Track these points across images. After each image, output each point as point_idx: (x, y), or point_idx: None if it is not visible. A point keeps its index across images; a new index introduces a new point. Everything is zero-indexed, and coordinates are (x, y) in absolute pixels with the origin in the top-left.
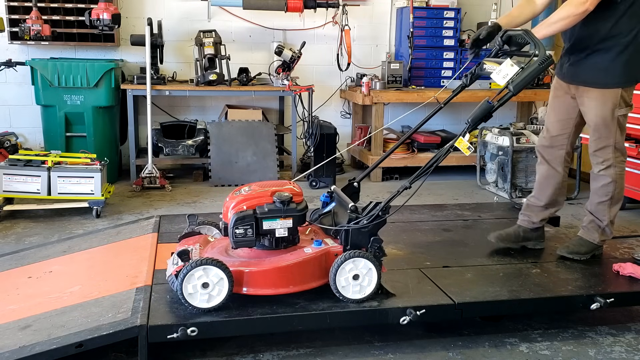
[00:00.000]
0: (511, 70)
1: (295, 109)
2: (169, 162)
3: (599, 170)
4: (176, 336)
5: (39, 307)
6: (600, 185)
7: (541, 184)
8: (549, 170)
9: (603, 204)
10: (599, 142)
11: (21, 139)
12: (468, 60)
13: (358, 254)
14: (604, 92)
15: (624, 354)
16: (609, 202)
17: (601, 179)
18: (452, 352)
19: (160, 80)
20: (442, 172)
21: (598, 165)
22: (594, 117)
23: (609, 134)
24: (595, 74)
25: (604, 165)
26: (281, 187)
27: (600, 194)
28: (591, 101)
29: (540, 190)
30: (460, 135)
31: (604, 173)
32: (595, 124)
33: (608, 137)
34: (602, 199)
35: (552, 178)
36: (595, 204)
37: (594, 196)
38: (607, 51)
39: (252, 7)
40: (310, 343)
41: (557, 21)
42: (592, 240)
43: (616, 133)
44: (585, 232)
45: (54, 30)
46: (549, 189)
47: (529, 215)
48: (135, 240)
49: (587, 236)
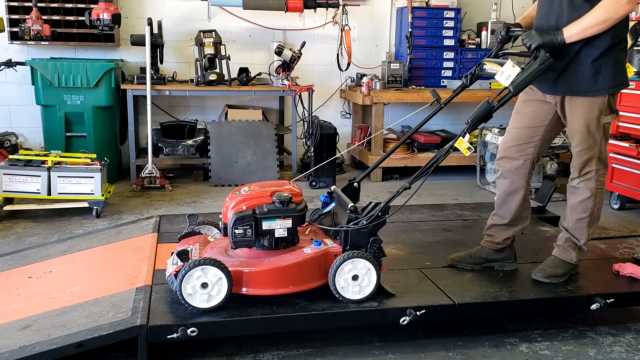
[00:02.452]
0: (513, 72)
1: (295, 109)
2: (169, 162)
3: (579, 182)
4: (176, 336)
5: (39, 307)
6: (579, 200)
7: (504, 200)
8: (512, 185)
9: (581, 222)
10: (584, 153)
11: (21, 139)
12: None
13: (357, 255)
14: (592, 100)
15: (624, 354)
16: (587, 220)
17: (580, 193)
18: (452, 352)
19: (160, 80)
20: (442, 172)
21: (578, 178)
22: (579, 126)
23: (594, 143)
24: (580, 82)
25: (584, 178)
26: (281, 187)
27: (578, 210)
28: (577, 109)
29: (503, 206)
30: (460, 136)
31: (584, 186)
32: (580, 133)
33: (593, 147)
34: (581, 216)
35: (515, 193)
36: (574, 222)
37: (572, 212)
38: (589, 57)
39: (252, 7)
40: (310, 343)
41: (593, 25)
42: (569, 260)
43: (601, 142)
44: (562, 251)
45: (54, 30)
46: (512, 204)
47: (491, 236)
48: (135, 240)
49: (564, 256)
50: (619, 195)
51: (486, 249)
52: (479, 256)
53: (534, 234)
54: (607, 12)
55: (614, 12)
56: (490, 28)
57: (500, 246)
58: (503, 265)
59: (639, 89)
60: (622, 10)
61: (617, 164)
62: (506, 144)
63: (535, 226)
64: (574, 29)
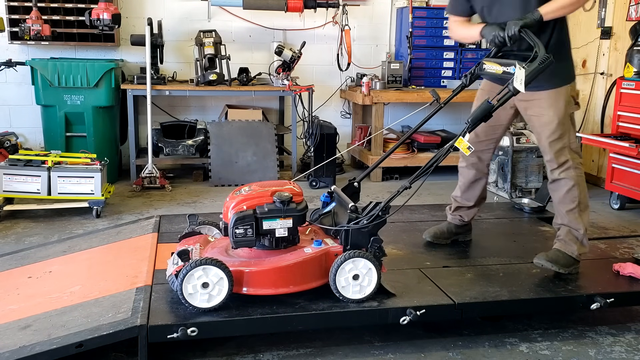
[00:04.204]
0: (522, 73)
1: (295, 109)
2: (169, 162)
3: (559, 173)
4: (176, 336)
5: (39, 307)
6: (564, 192)
7: (469, 187)
8: (477, 174)
9: (573, 212)
10: (555, 144)
11: (21, 139)
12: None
13: (358, 254)
14: (557, 92)
15: (624, 354)
16: (578, 209)
17: (563, 184)
18: (452, 352)
19: (160, 80)
20: (442, 172)
21: (557, 169)
22: (549, 119)
23: (564, 134)
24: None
25: (563, 168)
26: (281, 187)
27: (566, 202)
28: (544, 102)
29: (468, 192)
30: (460, 136)
31: (565, 176)
32: (550, 126)
33: (563, 136)
34: (571, 207)
35: (479, 181)
36: (565, 213)
37: (561, 206)
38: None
39: (252, 7)
40: (310, 343)
41: (566, 6)
42: (571, 254)
43: (570, 132)
44: (563, 244)
45: (54, 30)
46: (477, 190)
47: (460, 216)
48: (135, 240)
49: (565, 248)
50: (619, 195)
51: (453, 225)
52: (450, 231)
53: (534, 234)
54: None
55: None
56: None
57: (466, 222)
58: (465, 237)
59: (639, 89)
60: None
61: (617, 164)
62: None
63: (535, 226)
64: (550, 6)
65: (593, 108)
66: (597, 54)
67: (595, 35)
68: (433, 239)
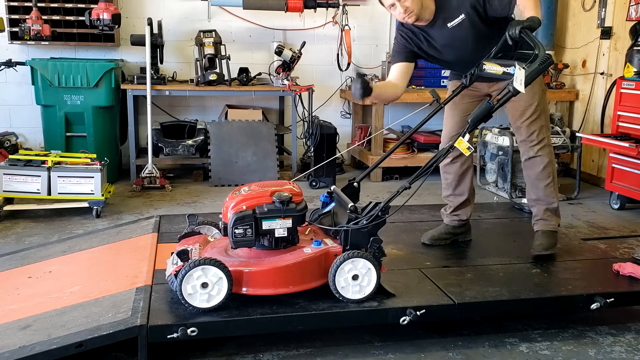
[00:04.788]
0: (522, 74)
1: (295, 109)
2: (169, 162)
3: (538, 150)
4: (176, 336)
5: (39, 307)
6: (540, 168)
7: (458, 181)
8: (462, 166)
9: (549, 187)
10: (534, 123)
11: (21, 139)
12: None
13: (357, 254)
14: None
15: (624, 354)
16: (552, 184)
17: (539, 162)
18: (452, 352)
19: (160, 80)
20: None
21: (534, 147)
22: (527, 100)
23: (540, 112)
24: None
25: (540, 145)
26: (281, 187)
27: (543, 178)
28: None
29: (459, 186)
30: (460, 136)
31: (542, 153)
32: (527, 105)
33: (540, 116)
34: (547, 182)
35: (467, 172)
36: (543, 189)
37: (538, 182)
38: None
39: (252, 7)
40: (310, 343)
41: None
42: (554, 229)
43: (545, 112)
44: (544, 223)
45: (54, 30)
46: (467, 182)
47: (458, 215)
48: (135, 240)
49: (548, 226)
50: (619, 195)
51: (451, 226)
52: (448, 232)
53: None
54: None
55: None
56: None
57: (464, 222)
58: (465, 237)
59: (639, 89)
60: None
61: (617, 164)
62: (450, 133)
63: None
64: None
65: (593, 108)
66: (597, 54)
67: (595, 35)
68: (431, 241)
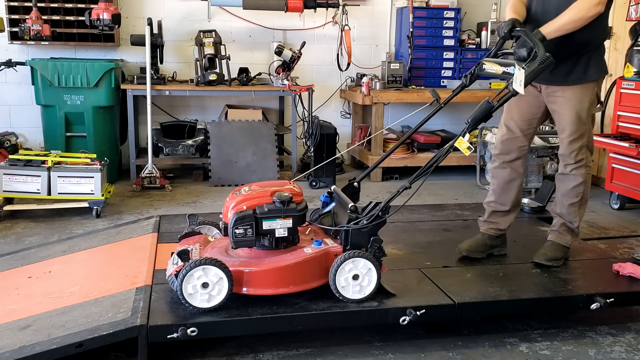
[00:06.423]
0: (521, 75)
1: (295, 109)
2: (169, 162)
3: (572, 169)
4: (176, 336)
5: (39, 307)
6: (571, 186)
7: (504, 189)
8: (512, 174)
9: (573, 206)
10: (575, 141)
11: (21, 139)
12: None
13: (357, 254)
14: (582, 88)
15: (624, 354)
16: (578, 204)
17: (572, 180)
18: (452, 352)
19: (160, 80)
20: (442, 172)
21: (570, 165)
22: (571, 115)
23: (584, 133)
24: (574, 72)
25: (577, 165)
26: (281, 187)
27: (571, 196)
28: (568, 98)
29: (504, 194)
30: (460, 136)
31: (576, 173)
32: (572, 122)
33: (582, 136)
34: (573, 201)
35: (514, 181)
36: (567, 207)
37: (564, 198)
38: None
39: (252, 7)
40: (310, 343)
41: (568, 23)
42: (565, 244)
43: (589, 131)
44: (558, 235)
45: (54, 30)
46: (512, 192)
47: (496, 223)
48: (135, 240)
49: (560, 240)
50: (619, 195)
51: (487, 236)
52: (485, 243)
53: (534, 234)
54: (580, 11)
55: (585, 11)
56: (490, 28)
57: (503, 232)
58: (500, 250)
59: (639, 89)
60: (594, 9)
61: (617, 164)
62: (504, 137)
63: (535, 226)
64: (552, 26)
65: None
66: None
67: None
68: (468, 252)
